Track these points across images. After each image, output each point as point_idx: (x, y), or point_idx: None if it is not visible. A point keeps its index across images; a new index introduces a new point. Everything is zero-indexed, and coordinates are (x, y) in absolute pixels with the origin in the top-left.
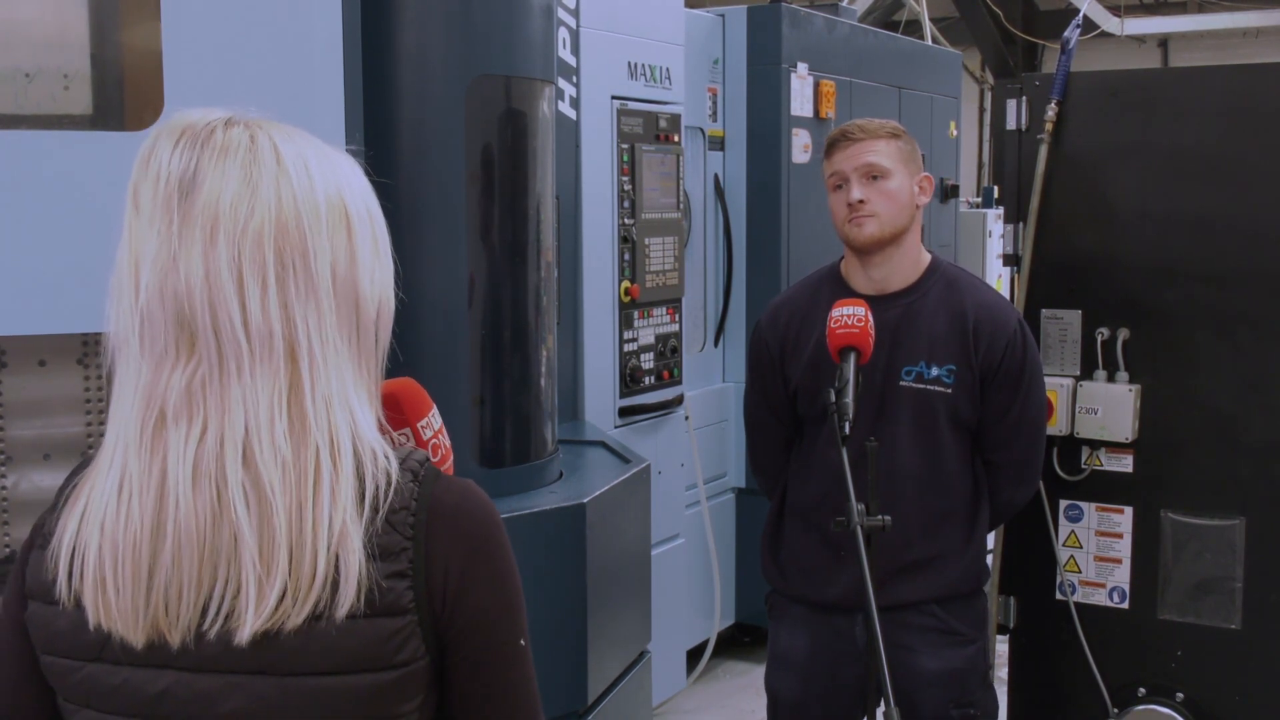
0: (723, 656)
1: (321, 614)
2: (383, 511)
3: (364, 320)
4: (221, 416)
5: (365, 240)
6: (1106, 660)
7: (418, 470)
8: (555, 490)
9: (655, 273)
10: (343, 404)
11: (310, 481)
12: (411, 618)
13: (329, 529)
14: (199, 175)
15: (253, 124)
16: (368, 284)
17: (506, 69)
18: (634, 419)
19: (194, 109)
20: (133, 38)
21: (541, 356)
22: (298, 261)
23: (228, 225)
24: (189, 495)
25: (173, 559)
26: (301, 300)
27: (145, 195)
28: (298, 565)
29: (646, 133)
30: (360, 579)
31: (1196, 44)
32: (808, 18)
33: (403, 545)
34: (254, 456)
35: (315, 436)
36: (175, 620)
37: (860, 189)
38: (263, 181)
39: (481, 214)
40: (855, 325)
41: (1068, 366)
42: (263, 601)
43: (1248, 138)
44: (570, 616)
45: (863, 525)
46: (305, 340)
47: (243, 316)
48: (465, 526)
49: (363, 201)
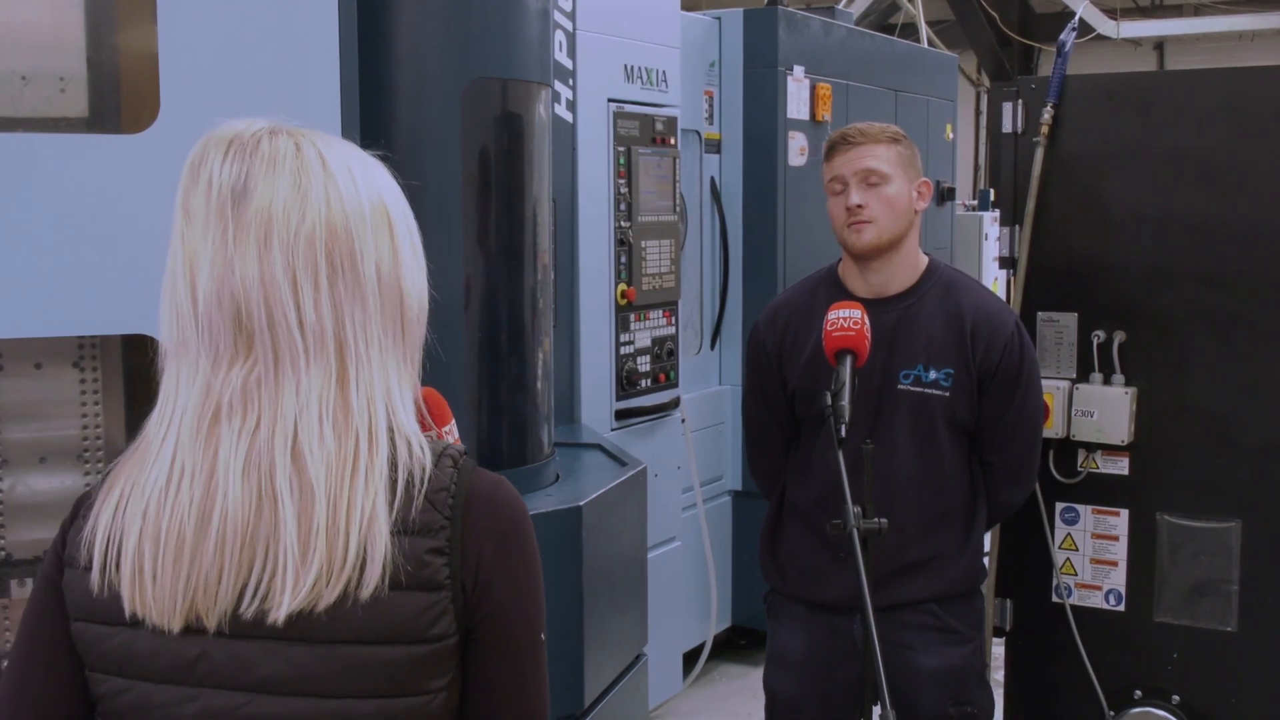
0: (719, 659)
1: (350, 593)
2: (419, 496)
3: (407, 317)
4: (275, 410)
5: (405, 240)
6: (1102, 663)
7: (458, 458)
8: (552, 493)
9: (651, 275)
10: (384, 397)
11: (349, 470)
12: (446, 594)
13: (362, 513)
14: (250, 183)
15: (296, 133)
16: (410, 281)
17: (503, 72)
18: (630, 422)
19: (236, 120)
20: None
21: (538, 359)
22: (346, 263)
23: (281, 230)
24: (238, 485)
25: (216, 546)
26: (350, 299)
27: (197, 204)
28: (332, 549)
29: (643, 135)
30: (386, 561)
31: (1192, 47)
32: (804, 21)
33: (441, 524)
34: (301, 448)
35: (356, 426)
36: (213, 604)
37: (859, 194)
38: (312, 188)
39: (478, 217)
40: (851, 328)
41: (1064, 369)
42: (299, 585)
43: (1244, 141)
44: (566, 619)
45: (859, 528)
46: (353, 338)
47: (298, 316)
48: (500, 514)
49: (401, 207)
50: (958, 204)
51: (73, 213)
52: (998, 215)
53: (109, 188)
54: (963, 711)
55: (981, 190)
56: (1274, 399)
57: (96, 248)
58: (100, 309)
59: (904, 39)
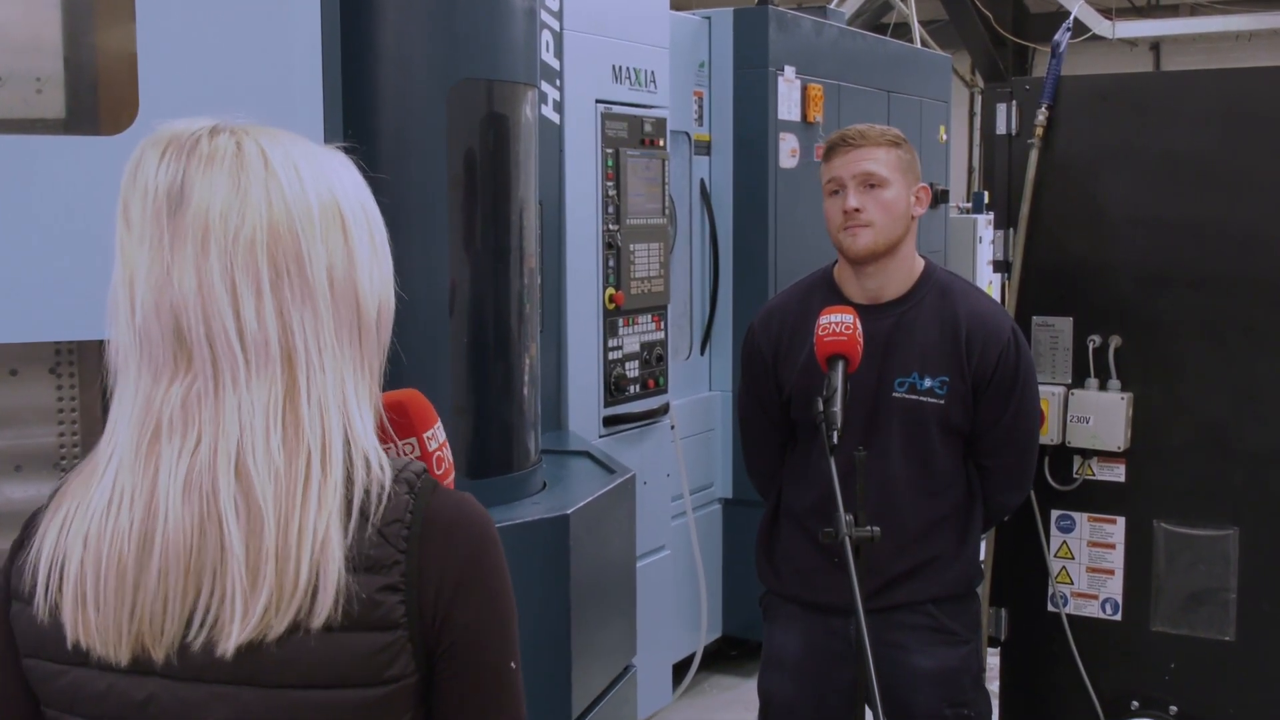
0: (710, 670)
1: (300, 623)
2: (374, 521)
3: (365, 320)
4: (216, 427)
5: (362, 239)
6: (1099, 673)
7: (414, 482)
8: (539, 501)
9: (640, 279)
10: (339, 407)
11: (300, 489)
12: (402, 633)
13: (314, 536)
14: (187, 186)
15: (239, 130)
16: (367, 283)
17: (489, 73)
18: (619, 428)
19: (178, 119)
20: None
21: (524, 365)
22: (292, 267)
23: (218, 235)
24: (178, 508)
25: (159, 573)
26: (298, 305)
27: (135, 210)
28: (282, 575)
29: (631, 137)
30: (339, 588)
31: (1189, 48)
32: (795, 20)
33: (395, 558)
34: (246, 467)
35: (308, 441)
36: (159, 635)
37: (857, 196)
38: (252, 188)
39: (463, 220)
40: (843, 333)
41: (1059, 374)
42: (249, 613)
43: (1241, 142)
44: (553, 630)
45: (851, 537)
46: (302, 346)
47: (237, 326)
48: (460, 541)
49: (357, 199)
50: (952, 207)
51: (50, 215)
52: (992, 218)
53: (87, 190)
54: (958, 714)
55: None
56: (1271, 404)
57: (74, 251)
58: (77, 314)
59: (897, 39)
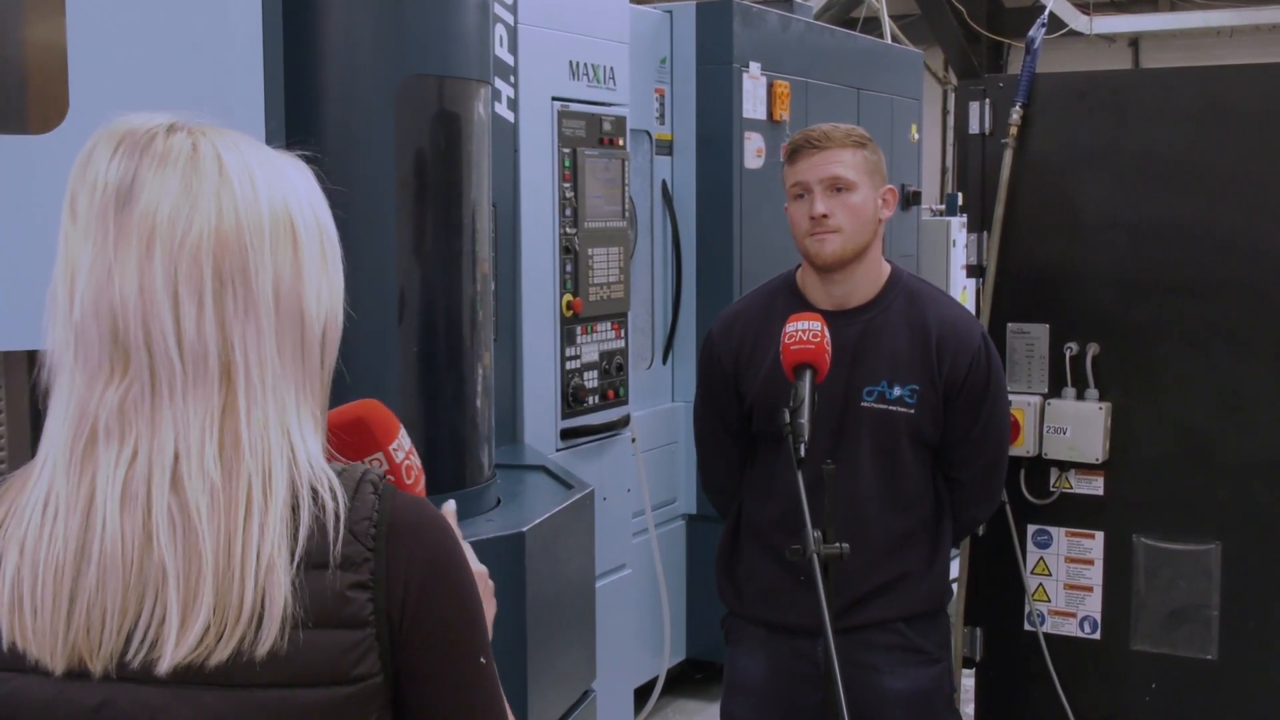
0: (673, 695)
1: (244, 650)
2: (338, 529)
3: (309, 339)
4: (153, 437)
5: (313, 255)
6: (1077, 694)
7: (378, 484)
8: (492, 518)
9: (599, 285)
10: (280, 429)
11: (241, 511)
12: (370, 631)
13: (257, 560)
14: (137, 185)
15: (196, 130)
16: (313, 301)
17: (440, 69)
18: (577, 442)
19: (136, 113)
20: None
21: (477, 375)
22: (237, 278)
23: (164, 238)
24: (116, 518)
25: (96, 583)
26: (240, 319)
27: (82, 204)
28: (223, 598)
29: (589, 136)
30: (285, 617)
31: (1169, 44)
32: (760, 15)
33: (365, 556)
34: (182, 481)
35: (248, 463)
36: (97, 647)
37: (823, 202)
38: (203, 193)
39: (413, 223)
40: (811, 341)
41: (1035, 383)
42: (185, 633)
43: (1222, 142)
44: (509, 653)
45: (819, 553)
46: (242, 361)
47: (176, 335)
48: (426, 540)
49: (311, 213)
50: (924, 209)
51: None
52: (965, 221)
53: (13, 191)
54: None
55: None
56: (1255, 414)
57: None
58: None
59: (866, 34)
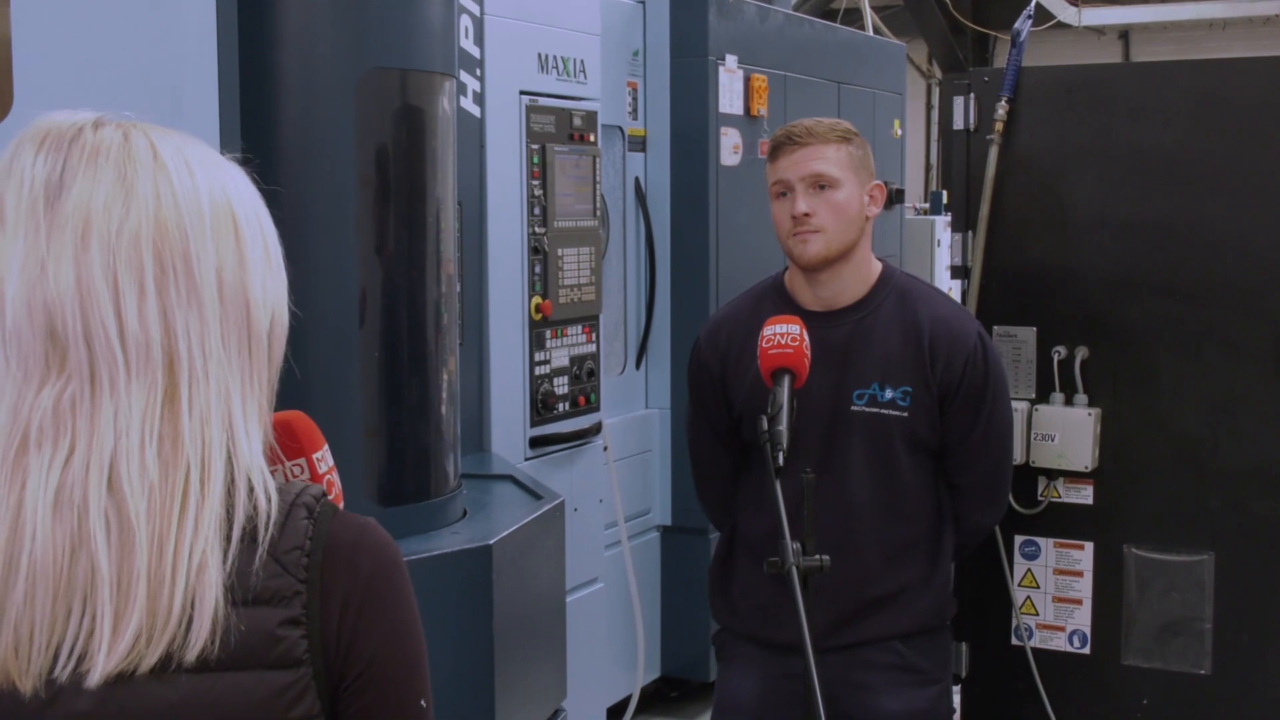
0: (647, 713)
1: (174, 655)
2: (262, 551)
3: (255, 330)
4: (90, 437)
5: (256, 247)
6: (1067, 711)
7: (313, 506)
8: (459, 530)
9: (570, 287)
10: (222, 421)
11: (176, 507)
12: (306, 670)
13: (190, 560)
14: (66, 178)
15: (125, 124)
16: (259, 292)
17: (402, 62)
18: (546, 450)
19: (58, 112)
20: None
21: (442, 381)
22: (179, 265)
23: (101, 227)
24: (48, 525)
25: (25, 597)
26: (183, 307)
27: (9, 204)
28: (154, 601)
29: (559, 132)
30: (216, 619)
31: (1159, 36)
32: (737, 6)
33: (296, 589)
34: (120, 480)
35: (187, 455)
36: (26, 666)
37: (806, 200)
38: (139, 180)
39: (375, 223)
40: (789, 345)
41: (1022, 389)
42: (117, 640)
43: (1215, 138)
44: (475, 671)
45: (799, 566)
46: (186, 351)
47: (118, 325)
48: (363, 567)
49: (252, 208)
50: (908, 207)
51: None
52: (950, 220)
53: None
54: None
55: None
56: (1249, 420)
57: None
58: None
59: (848, 26)
